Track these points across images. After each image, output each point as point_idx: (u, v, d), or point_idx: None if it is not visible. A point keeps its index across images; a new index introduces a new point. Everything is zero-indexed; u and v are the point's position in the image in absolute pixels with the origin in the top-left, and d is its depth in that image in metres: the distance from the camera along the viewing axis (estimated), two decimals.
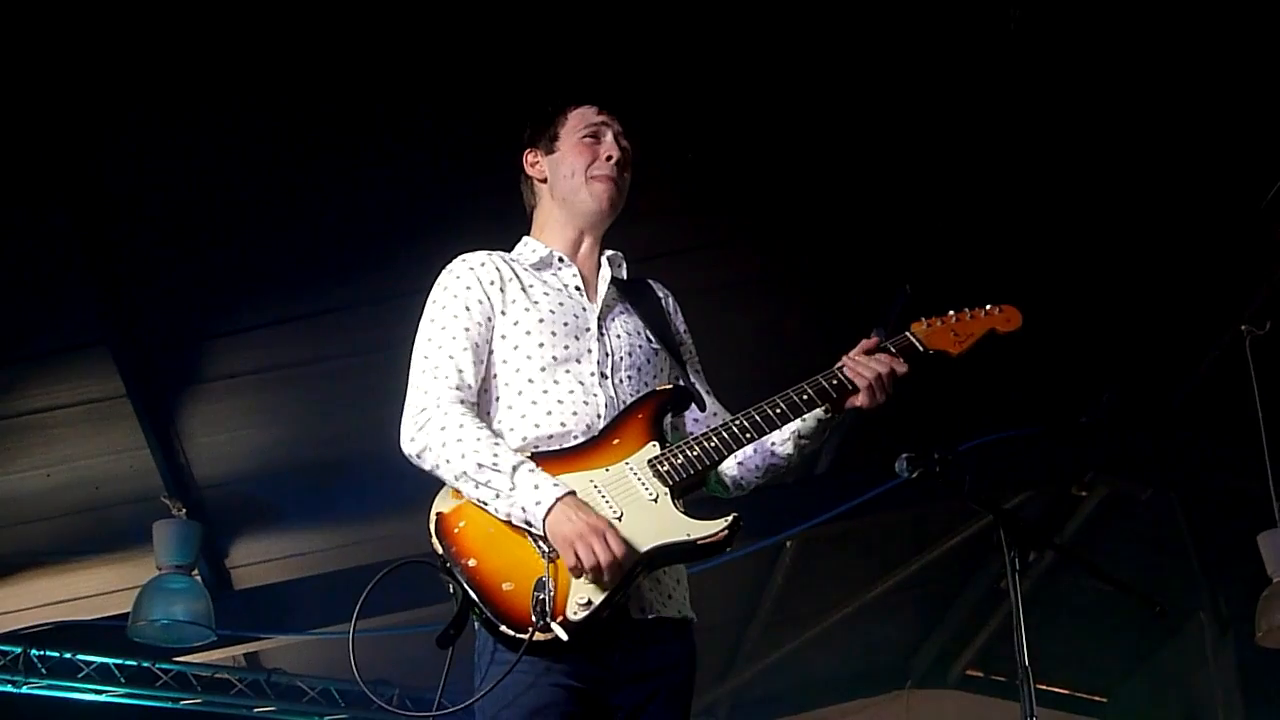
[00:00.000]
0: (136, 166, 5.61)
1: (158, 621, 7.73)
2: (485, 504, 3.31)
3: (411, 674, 7.99)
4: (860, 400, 3.55)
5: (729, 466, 3.69)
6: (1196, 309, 7.63)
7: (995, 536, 4.16)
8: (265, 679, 8.90)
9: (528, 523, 3.26)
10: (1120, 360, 8.28)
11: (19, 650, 8.17)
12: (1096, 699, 11.57)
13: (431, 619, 3.30)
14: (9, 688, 8.16)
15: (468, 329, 3.55)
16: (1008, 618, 4.00)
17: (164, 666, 8.54)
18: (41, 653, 8.24)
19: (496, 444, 3.35)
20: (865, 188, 6.49)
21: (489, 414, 3.55)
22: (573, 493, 3.28)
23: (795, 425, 3.62)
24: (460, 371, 3.49)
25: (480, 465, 3.30)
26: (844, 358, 3.62)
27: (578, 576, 3.22)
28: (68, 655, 8.31)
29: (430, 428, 3.39)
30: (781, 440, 3.66)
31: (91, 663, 8.37)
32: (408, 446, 3.44)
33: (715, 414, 3.81)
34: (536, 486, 3.27)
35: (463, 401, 3.46)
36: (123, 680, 8.43)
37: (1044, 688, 10.69)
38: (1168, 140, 6.38)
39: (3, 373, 6.46)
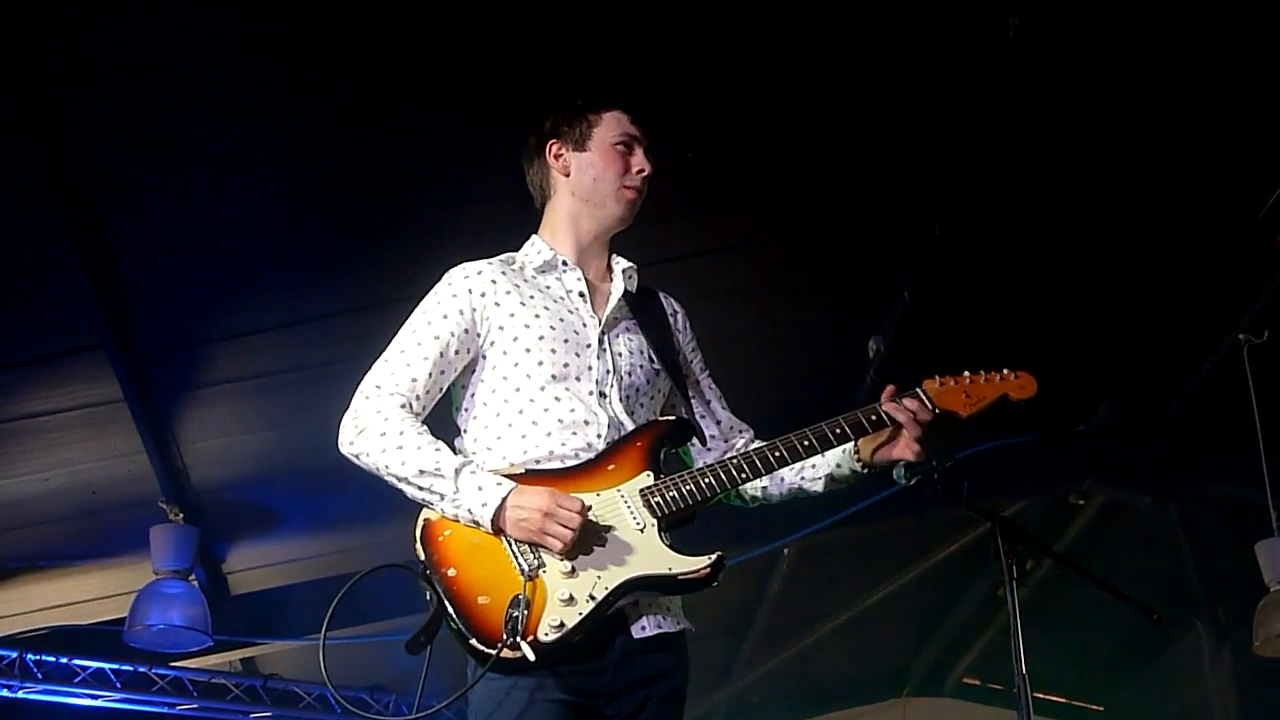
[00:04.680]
0: (135, 170, 5.60)
1: (154, 626, 7.74)
2: (430, 506, 3.35)
3: (409, 681, 7.98)
4: (905, 454, 3.56)
5: (753, 486, 3.70)
6: (1194, 317, 7.63)
7: (993, 544, 4.16)
8: (261, 684, 8.89)
9: (475, 523, 3.29)
10: (1118, 368, 8.28)
11: (15, 654, 8.17)
12: (1093, 708, 11.57)
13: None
14: (5, 692, 8.16)
15: (438, 337, 3.56)
16: (1004, 626, 4.00)
17: (160, 671, 8.53)
18: (38, 657, 8.24)
19: (438, 449, 3.38)
20: (866, 194, 6.49)
21: (486, 428, 3.55)
22: (515, 486, 3.31)
23: (830, 469, 3.65)
24: (414, 380, 3.52)
25: (422, 470, 3.34)
26: (883, 404, 3.59)
27: (567, 558, 3.26)
28: (64, 660, 8.30)
29: (370, 433, 3.42)
30: (812, 478, 3.68)
31: (88, 667, 8.36)
32: (345, 448, 3.48)
33: (732, 427, 3.83)
34: (480, 488, 3.31)
35: (405, 407, 3.48)
36: (119, 685, 8.42)
37: (1041, 696, 10.69)
38: (1166, 149, 6.38)
39: (2, 376, 6.45)
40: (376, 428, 3.42)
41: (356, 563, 8.18)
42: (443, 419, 3.65)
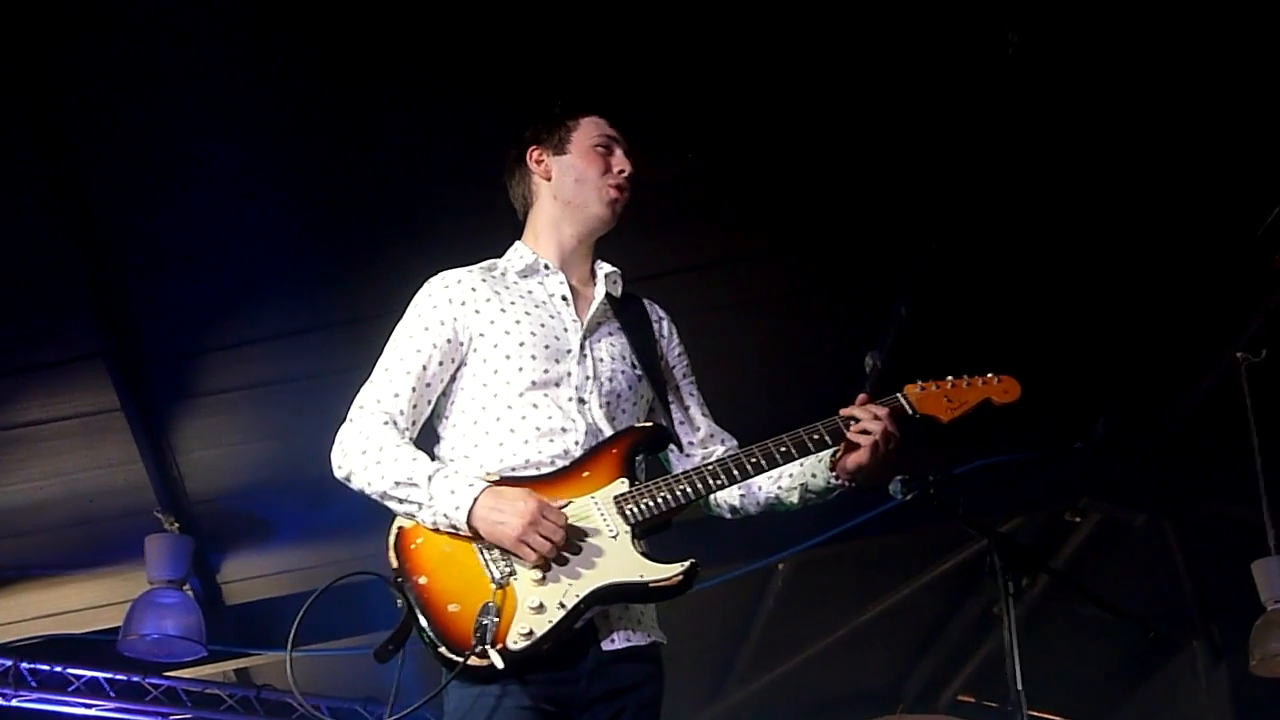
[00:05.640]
0: (135, 181, 5.61)
1: (148, 636, 7.72)
2: (414, 517, 3.35)
3: (403, 693, 7.96)
4: (862, 458, 3.51)
5: (730, 495, 3.69)
6: (1192, 335, 7.63)
7: (989, 560, 4.15)
8: (255, 695, 8.85)
9: (454, 527, 3.29)
10: (1115, 386, 8.27)
11: (9, 663, 8.15)
12: None
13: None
14: None
15: (419, 350, 3.56)
16: (999, 643, 3.99)
17: (154, 681, 8.51)
18: (32, 666, 8.21)
19: (414, 458, 3.39)
20: (863, 208, 6.50)
21: (464, 436, 3.54)
22: (488, 486, 3.30)
23: (805, 479, 3.62)
24: (395, 395, 3.52)
25: (398, 482, 3.34)
26: (840, 411, 3.57)
27: (539, 565, 3.25)
28: (58, 668, 8.28)
29: (353, 452, 3.44)
30: (788, 488, 3.65)
31: (82, 676, 8.33)
32: (337, 472, 3.50)
33: (711, 435, 3.81)
34: (453, 491, 3.30)
35: (389, 424, 3.47)
36: (113, 694, 8.40)
37: (1035, 714, 10.65)
38: (1164, 166, 6.38)
39: None
40: (358, 446, 3.44)
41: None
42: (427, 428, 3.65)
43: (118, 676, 8.40)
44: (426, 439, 3.58)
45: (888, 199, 6.45)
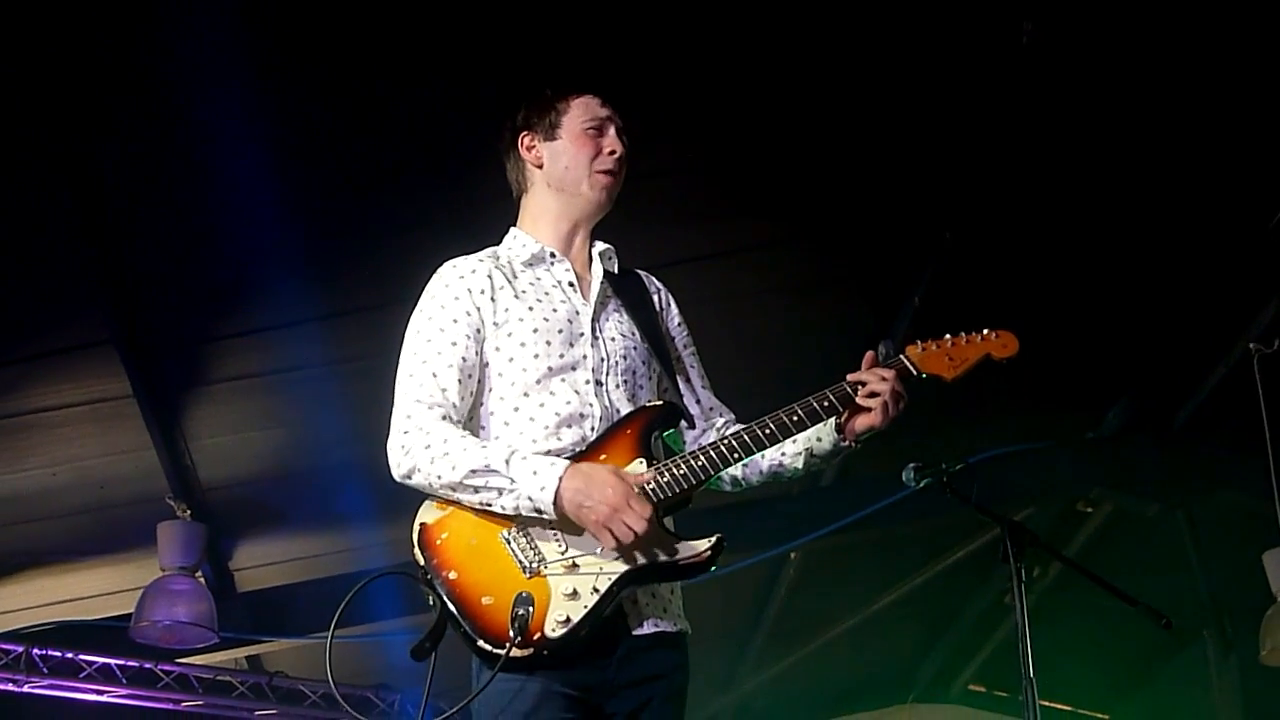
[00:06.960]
0: (145, 169, 5.62)
1: (160, 623, 7.75)
2: (490, 505, 3.28)
3: (412, 678, 7.98)
4: (873, 419, 3.50)
5: (732, 467, 3.67)
6: (1204, 326, 7.62)
7: (1002, 548, 4.15)
8: (267, 682, 8.89)
9: (538, 510, 3.24)
10: (1128, 376, 8.26)
11: (21, 649, 8.17)
12: (1099, 716, 11.54)
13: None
14: (10, 687, 8.16)
15: (454, 343, 3.49)
16: (1011, 634, 3.99)
17: (166, 668, 8.53)
18: (44, 652, 8.24)
19: (483, 445, 3.33)
20: (878, 199, 6.49)
21: (484, 428, 3.51)
22: (570, 464, 3.27)
23: (810, 443, 3.60)
24: (444, 390, 3.44)
25: (473, 470, 3.28)
26: (847, 376, 3.57)
27: (569, 550, 3.24)
28: (70, 655, 8.31)
29: (415, 449, 3.36)
30: (793, 453, 3.63)
31: (93, 663, 8.36)
32: (396, 471, 3.41)
33: (712, 408, 3.81)
34: (535, 472, 3.26)
35: (444, 418, 3.41)
36: (124, 681, 8.42)
37: (1046, 704, 10.63)
38: (1177, 157, 6.37)
39: (10, 370, 6.47)
40: (420, 442, 3.36)
41: (363, 561, 8.20)
42: None
43: (129, 663, 8.43)
44: None
45: (902, 189, 6.44)
